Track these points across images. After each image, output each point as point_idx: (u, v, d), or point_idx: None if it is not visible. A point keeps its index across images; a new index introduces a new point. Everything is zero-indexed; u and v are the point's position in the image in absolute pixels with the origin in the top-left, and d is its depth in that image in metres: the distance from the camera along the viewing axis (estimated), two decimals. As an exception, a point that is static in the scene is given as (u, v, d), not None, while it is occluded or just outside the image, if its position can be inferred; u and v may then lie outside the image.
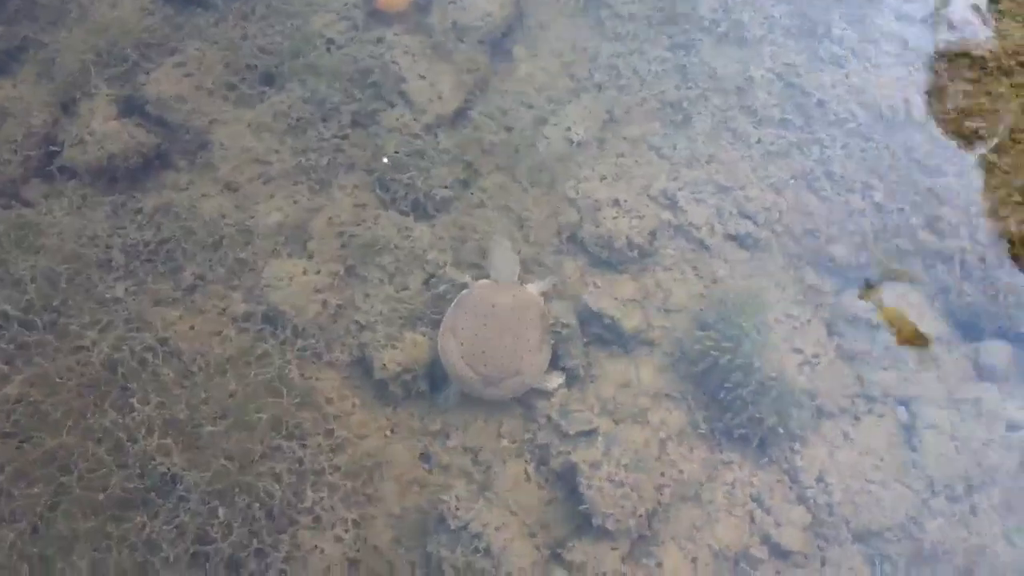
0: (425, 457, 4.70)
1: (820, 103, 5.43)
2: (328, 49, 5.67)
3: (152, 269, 4.97)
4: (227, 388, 4.55)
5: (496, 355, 4.64)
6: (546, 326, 4.78)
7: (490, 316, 4.69)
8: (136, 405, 4.42)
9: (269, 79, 5.65)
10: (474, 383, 4.68)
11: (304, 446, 4.54)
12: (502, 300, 4.73)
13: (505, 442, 4.72)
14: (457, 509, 4.40)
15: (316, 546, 4.38)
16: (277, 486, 4.36)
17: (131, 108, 5.41)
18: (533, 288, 4.92)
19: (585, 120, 5.56)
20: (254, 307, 4.90)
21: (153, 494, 4.28)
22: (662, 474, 4.54)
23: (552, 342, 4.80)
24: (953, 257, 5.04)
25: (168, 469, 4.30)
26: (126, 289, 4.86)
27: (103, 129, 5.18)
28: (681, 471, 4.58)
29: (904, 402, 4.81)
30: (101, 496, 4.23)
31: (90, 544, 4.17)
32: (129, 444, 4.34)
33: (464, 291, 4.83)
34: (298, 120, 5.46)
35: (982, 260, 4.99)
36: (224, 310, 4.90)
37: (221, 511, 4.23)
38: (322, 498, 4.46)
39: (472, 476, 4.63)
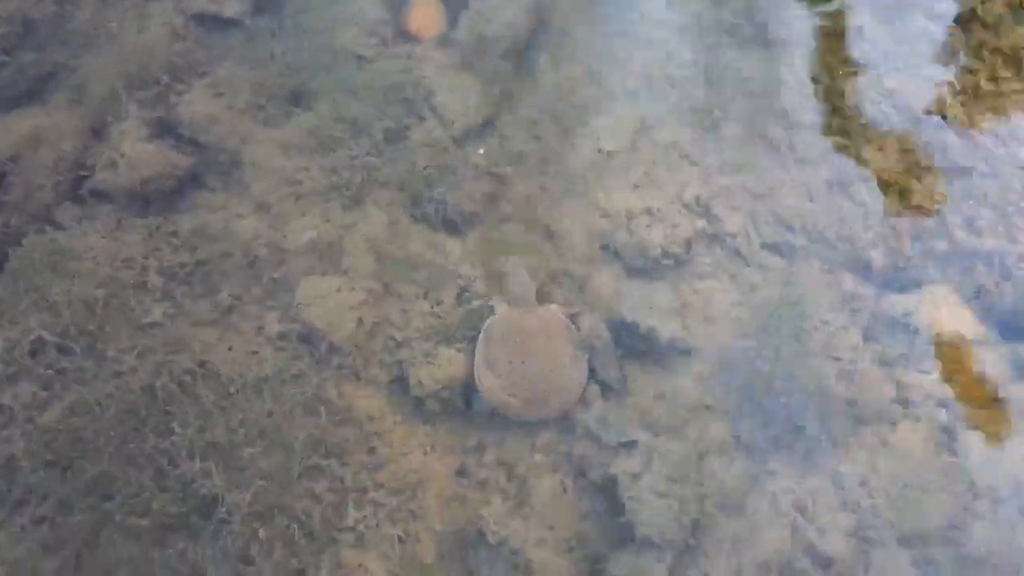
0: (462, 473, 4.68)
1: (855, 107, 5.36)
2: (359, 66, 5.66)
3: (190, 291, 4.99)
4: (264, 408, 4.55)
5: (537, 378, 4.65)
6: (575, 338, 4.76)
7: (521, 342, 4.68)
8: (177, 429, 4.42)
9: (297, 98, 5.65)
10: (523, 410, 4.68)
11: (344, 464, 4.54)
12: (528, 323, 4.72)
13: (539, 456, 4.70)
14: (495, 525, 4.38)
15: (360, 564, 4.37)
16: (316, 506, 4.36)
17: (163, 131, 5.42)
18: (553, 306, 4.91)
19: (614, 129, 5.52)
20: (289, 326, 4.90)
21: (195, 517, 4.29)
22: (702, 485, 4.50)
23: (586, 355, 4.76)
24: (992, 257, 4.96)
25: (209, 491, 4.31)
26: (164, 312, 4.87)
27: (134, 151, 5.19)
28: (722, 482, 4.54)
29: (944, 405, 4.74)
30: (144, 521, 4.25)
31: (134, 570, 4.18)
32: (170, 468, 4.35)
33: (488, 321, 4.81)
34: (328, 138, 5.45)
35: (1021, 259, 4.91)
36: (260, 329, 4.91)
37: (262, 532, 4.23)
38: (365, 516, 4.46)
39: (508, 492, 4.61)
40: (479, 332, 4.82)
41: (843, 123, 5.38)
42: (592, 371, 4.84)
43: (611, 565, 4.38)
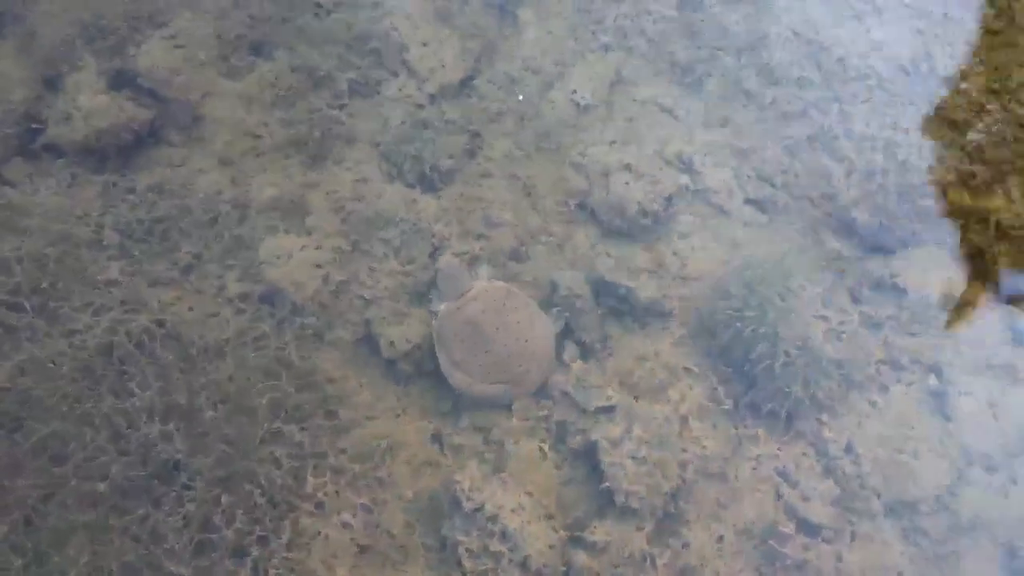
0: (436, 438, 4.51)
1: (840, 59, 5.20)
2: (316, 14, 5.44)
3: (147, 249, 4.77)
4: (226, 372, 4.36)
5: (508, 359, 4.49)
6: (521, 299, 4.61)
7: (474, 333, 4.49)
8: (135, 390, 4.22)
9: (258, 49, 5.42)
10: (505, 393, 4.53)
11: (304, 429, 4.36)
12: (471, 312, 4.52)
13: (515, 421, 4.52)
14: (471, 491, 4.21)
15: (320, 532, 4.20)
16: (277, 472, 4.19)
17: (121, 82, 5.18)
18: (483, 273, 4.75)
19: (592, 83, 5.34)
20: (251, 286, 4.71)
21: (156, 482, 4.09)
22: (684, 450, 4.36)
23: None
24: (987, 217, 4.81)
25: (170, 456, 4.11)
26: (120, 270, 4.65)
27: (91, 104, 4.96)
28: (704, 447, 4.40)
29: (935, 369, 4.61)
30: (101, 486, 4.04)
31: (90, 536, 3.98)
32: (130, 431, 4.15)
33: (435, 325, 4.60)
34: (288, 90, 5.23)
35: (1017, 217, 4.77)
36: (221, 290, 4.70)
37: (224, 498, 4.04)
38: (324, 483, 4.29)
39: (484, 456, 4.45)
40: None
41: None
42: (571, 331, 4.66)
43: (590, 532, 4.20)
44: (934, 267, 4.80)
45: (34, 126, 5.02)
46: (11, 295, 4.41)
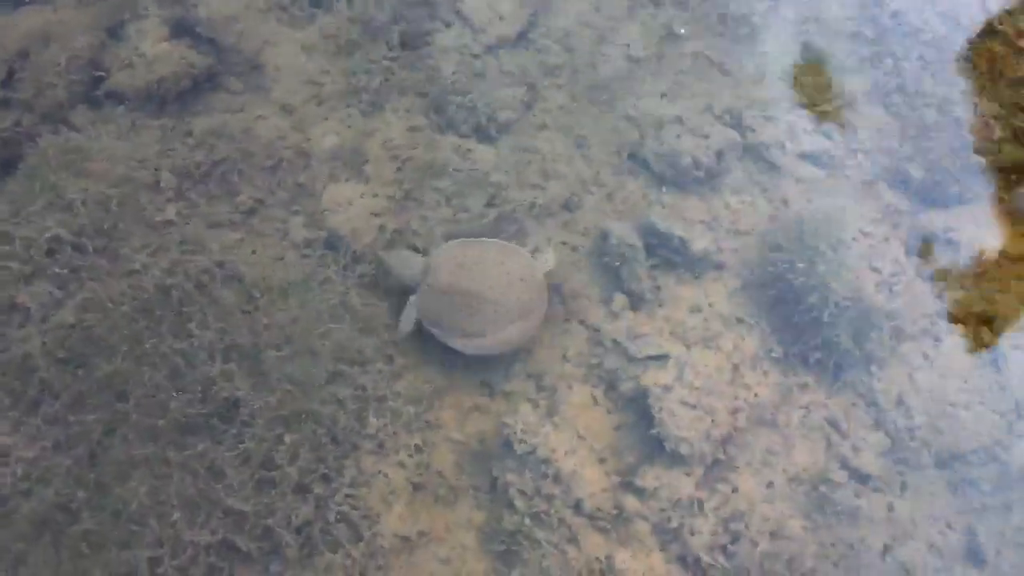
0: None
1: (894, 14, 5.18)
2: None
3: (206, 192, 4.85)
4: (290, 314, 4.42)
5: (507, 306, 4.45)
6: (479, 244, 4.59)
7: (463, 302, 4.44)
8: (195, 330, 4.28)
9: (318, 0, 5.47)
10: (525, 327, 4.51)
11: (366, 372, 4.42)
12: (441, 280, 4.47)
13: (570, 367, 4.57)
14: (523, 433, 4.26)
15: (380, 471, 4.28)
16: (341, 412, 4.26)
17: (181, 30, 5.24)
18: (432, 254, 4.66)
19: (644, 37, 5.35)
20: (315, 232, 4.79)
21: (216, 420, 4.16)
22: (736, 398, 4.39)
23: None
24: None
25: (231, 395, 4.18)
26: (178, 212, 4.72)
27: (153, 51, 5.04)
28: (756, 395, 4.43)
29: (988, 322, 4.61)
30: (160, 422, 4.12)
31: (150, 470, 4.06)
32: (188, 370, 4.22)
33: (422, 318, 4.55)
34: (347, 41, 5.27)
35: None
36: (285, 235, 4.78)
37: (287, 437, 4.12)
38: (385, 424, 4.35)
39: (537, 402, 4.49)
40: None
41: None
42: (621, 281, 4.71)
43: (639, 478, 4.25)
44: (987, 222, 4.78)
45: (97, 73, 5.09)
46: (76, 236, 4.49)
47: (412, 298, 4.58)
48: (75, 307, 4.32)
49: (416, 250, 4.74)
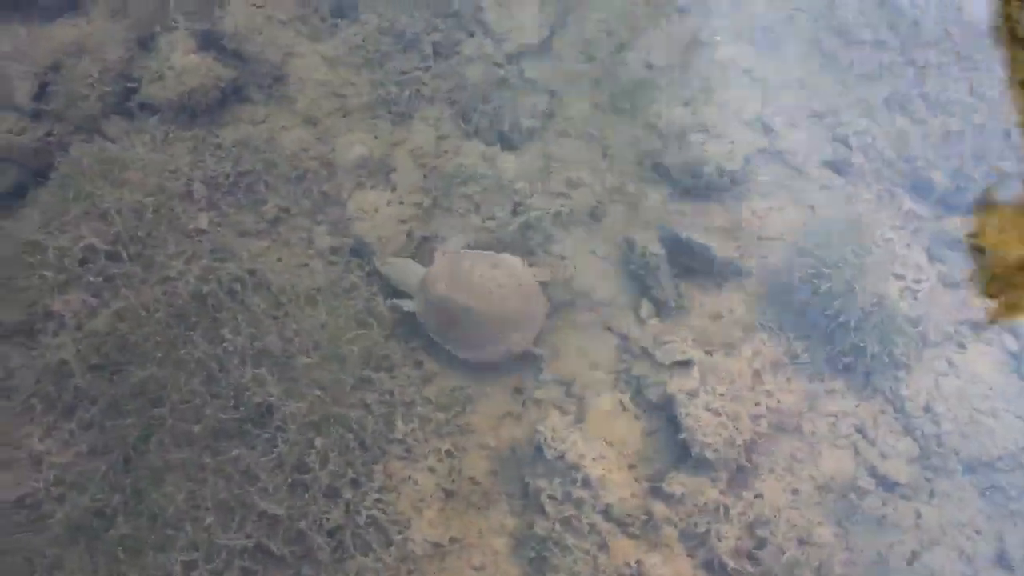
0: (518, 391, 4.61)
1: (915, 23, 5.21)
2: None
3: (234, 201, 4.92)
4: (318, 320, 4.47)
5: (494, 314, 4.53)
6: (475, 255, 4.69)
7: (454, 306, 4.52)
8: (227, 336, 4.33)
9: (341, 11, 5.52)
10: (522, 336, 4.60)
11: (393, 377, 4.48)
12: (438, 291, 4.56)
13: (600, 374, 4.61)
14: (553, 440, 4.30)
15: (409, 476, 4.33)
16: (369, 416, 4.31)
17: (208, 43, 5.30)
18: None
19: (666, 46, 5.38)
20: (340, 240, 4.86)
21: (249, 425, 4.21)
22: (757, 404, 4.41)
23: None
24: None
25: (263, 400, 4.23)
26: (209, 221, 4.79)
27: (182, 63, 5.09)
28: (778, 401, 4.44)
29: (1013, 330, 4.63)
30: (196, 427, 4.18)
31: (185, 475, 4.12)
32: (222, 375, 4.27)
33: (420, 320, 4.65)
34: (376, 52, 5.33)
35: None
36: (310, 243, 4.84)
37: (318, 441, 4.16)
38: (412, 429, 4.41)
39: (566, 408, 4.53)
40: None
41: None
42: (647, 289, 4.74)
43: (667, 484, 4.28)
44: (1011, 228, 4.80)
45: (129, 85, 5.15)
46: (111, 244, 4.54)
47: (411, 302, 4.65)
48: (110, 314, 4.38)
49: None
